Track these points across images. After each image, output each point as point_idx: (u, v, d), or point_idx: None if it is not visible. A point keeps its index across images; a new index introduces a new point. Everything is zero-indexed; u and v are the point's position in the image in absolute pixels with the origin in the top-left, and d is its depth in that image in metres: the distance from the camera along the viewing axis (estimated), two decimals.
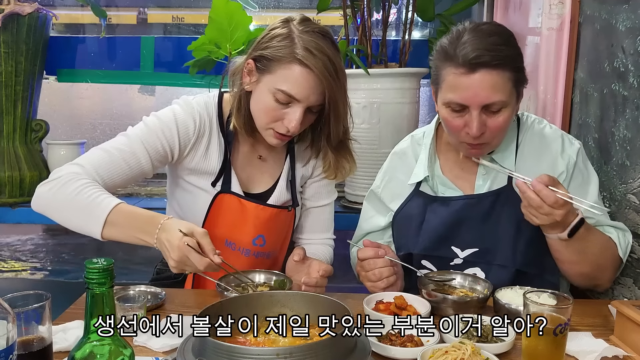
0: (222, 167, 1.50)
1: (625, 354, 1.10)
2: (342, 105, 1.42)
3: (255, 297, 1.06)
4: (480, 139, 1.36)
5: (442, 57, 1.36)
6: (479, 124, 1.33)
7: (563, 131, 1.52)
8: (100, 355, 0.80)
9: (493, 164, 1.43)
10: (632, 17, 1.48)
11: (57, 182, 1.32)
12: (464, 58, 1.29)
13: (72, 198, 1.29)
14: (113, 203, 1.29)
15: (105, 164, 1.37)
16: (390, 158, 1.66)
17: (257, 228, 1.52)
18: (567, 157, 1.45)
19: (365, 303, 1.27)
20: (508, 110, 1.35)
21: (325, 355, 0.84)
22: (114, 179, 1.38)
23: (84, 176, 1.33)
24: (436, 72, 1.40)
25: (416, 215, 1.50)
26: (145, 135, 1.41)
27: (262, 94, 1.39)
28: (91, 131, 2.89)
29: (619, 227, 1.43)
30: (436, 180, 1.51)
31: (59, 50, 2.69)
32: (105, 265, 0.79)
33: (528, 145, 1.47)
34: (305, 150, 1.60)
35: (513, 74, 1.33)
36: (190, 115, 1.46)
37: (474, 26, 1.35)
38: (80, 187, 1.30)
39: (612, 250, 1.39)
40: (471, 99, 1.32)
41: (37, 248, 3.11)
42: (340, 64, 1.39)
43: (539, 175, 1.26)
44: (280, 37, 1.37)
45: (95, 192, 1.30)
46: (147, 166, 1.42)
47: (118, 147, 1.39)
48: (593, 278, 1.42)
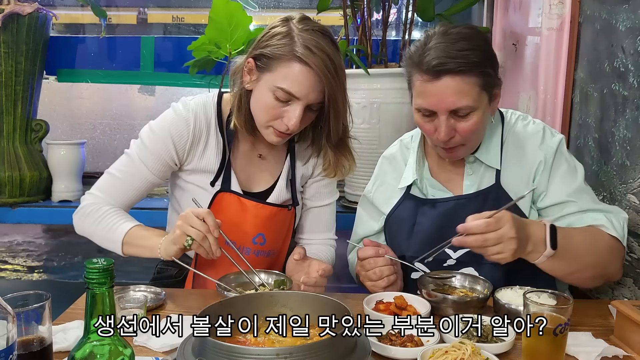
0: (221, 166, 1.50)
1: (625, 354, 1.10)
2: (342, 103, 1.43)
3: (255, 297, 1.06)
4: (450, 143, 1.38)
5: (410, 63, 1.38)
6: (446, 129, 1.34)
7: (546, 125, 1.51)
8: (100, 355, 0.80)
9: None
10: (632, 17, 1.48)
11: (82, 214, 1.51)
12: (427, 65, 1.31)
13: (95, 227, 1.48)
14: (126, 228, 1.45)
15: (115, 189, 1.52)
16: (380, 162, 1.66)
17: (257, 226, 1.52)
18: (546, 148, 1.44)
19: (365, 303, 1.27)
20: (478, 114, 1.35)
21: (325, 355, 0.83)
22: (125, 200, 1.53)
23: (101, 204, 1.50)
24: (408, 78, 1.41)
25: (407, 218, 1.51)
26: (144, 155, 1.50)
27: (262, 92, 1.40)
28: (91, 131, 2.89)
29: (608, 210, 1.39)
30: (425, 183, 1.52)
31: (59, 50, 2.68)
32: (105, 265, 0.79)
33: (512, 144, 1.47)
34: (306, 150, 1.60)
35: (480, 78, 1.32)
36: (184, 118, 1.48)
37: (443, 30, 1.35)
38: (99, 217, 1.48)
39: (605, 241, 1.34)
40: (437, 105, 1.33)
41: (37, 248, 3.11)
42: (339, 62, 1.39)
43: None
44: (280, 35, 1.37)
45: (111, 219, 1.47)
46: (155, 180, 1.53)
47: (123, 170, 1.52)
48: (601, 276, 1.39)
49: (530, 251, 1.25)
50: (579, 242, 1.31)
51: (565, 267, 1.30)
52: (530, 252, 1.25)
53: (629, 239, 1.51)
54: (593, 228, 1.36)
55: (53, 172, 2.47)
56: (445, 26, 1.37)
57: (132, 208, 1.56)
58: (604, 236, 1.35)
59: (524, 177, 1.44)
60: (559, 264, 1.28)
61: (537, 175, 1.43)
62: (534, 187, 1.41)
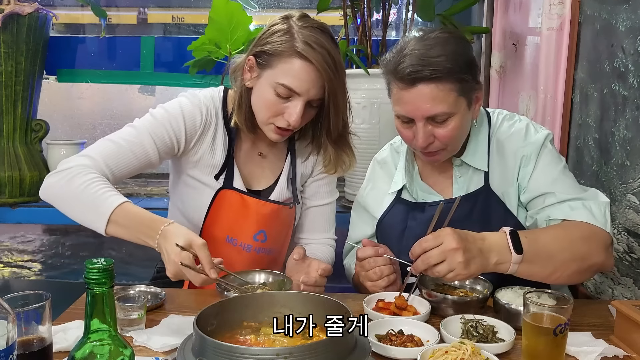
0: (226, 163, 1.51)
1: (625, 354, 1.10)
2: (342, 98, 1.43)
3: (255, 297, 1.06)
4: (429, 148, 1.37)
5: (386, 71, 1.38)
6: (424, 135, 1.34)
7: (532, 122, 1.48)
8: (100, 355, 0.80)
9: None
10: (632, 17, 1.48)
11: (66, 174, 1.33)
12: (402, 73, 1.31)
13: (79, 192, 1.30)
14: (118, 201, 1.29)
15: (113, 155, 1.39)
16: (372, 166, 1.66)
17: (258, 223, 1.52)
18: (529, 143, 1.42)
19: (365, 303, 1.27)
20: (456, 119, 1.34)
21: (325, 355, 0.83)
22: (121, 170, 1.40)
23: (92, 169, 1.34)
24: (387, 84, 1.41)
25: (398, 223, 1.50)
26: (152, 126, 1.43)
27: (263, 89, 1.40)
28: (91, 131, 2.89)
29: (585, 198, 1.34)
30: (415, 187, 1.51)
31: (59, 50, 2.69)
32: (105, 265, 0.79)
33: (498, 144, 1.46)
34: (306, 147, 1.61)
35: (455, 84, 1.31)
36: (197, 107, 1.47)
37: (420, 36, 1.34)
38: (87, 181, 1.31)
39: (578, 231, 1.29)
40: (413, 112, 1.33)
41: (37, 248, 3.11)
42: (339, 59, 1.40)
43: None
44: (280, 32, 1.38)
45: (102, 188, 1.30)
46: (154, 156, 1.43)
47: (125, 138, 1.41)
48: (587, 269, 1.32)
49: (498, 262, 1.20)
50: (549, 240, 1.27)
51: (542, 269, 1.25)
52: (498, 264, 1.20)
53: (629, 239, 1.51)
54: (564, 222, 1.32)
55: None
56: (423, 31, 1.37)
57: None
58: (578, 227, 1.30)
59: (508, 176, 1.43)
60: (534, 268, 1.23)
61: (520, 170, 1.42)
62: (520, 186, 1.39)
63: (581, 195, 1.36)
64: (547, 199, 1.37)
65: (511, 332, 1.11)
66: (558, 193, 1.36)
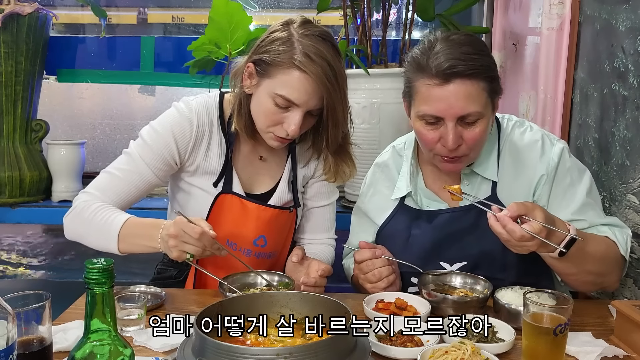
0: (224, 168, 1.50)
1: (625, 354, 1.10)
2: (341, 110, 1.41)
3: (255, 298, 1.06)
4: (456, 152, 1.34)
5: (415, 68, 1.34)
6: (454, 136, 1.30)
7: (545, 132, 1.46)
8: (100, 355, 0.80)
9: (467, 195, 1.35)
10: (632, 17, 1.48)
11: (75, 213, 1.44)
12: (438, 68, 1.27)
13: (88, 223, 1.40)
14: (122, 219, 1.38)
15: (112, 188, 1.46)
16: (373, 170, 1.62)
17: (258, 228, 1.52)
18: (547, 160, 1.39)
19: (365, 303, 1.27)
20: (484, 122, 1.32)
21: (325, 355, 0.83)
22: (123, 199, 1.46)
23: (95, 201, 1.43)
24: (409, 85, 1.37)
25: (401, 231, 1.47)
26: (145, 153, 1.46)
27: (262, 98, 1.39)
28: (91, 131, 2.89)
29: (614, 224, 1.37)
30: (420, 194, 1.48)
31: (59, 50, 2.68)
32: (105, 265, 0.79)
33: (509, 154, 1.43)
34: (307, 151, 1.60)
35: (487, 84, 1.30)
36: (187, 118, 1.47)
37: (445, 36, 1.33)
38: (93, 212, 1.40)
39: (614, 254, 1.32)
40: (446, 110, 1.29)
41: (37, 248, 3.11)
42: (340, 69, 1.38)
43: (510, 204, 1.18)
44: (279, 41, 1.36)
45: (106, 213, 1.39)
46: (154, 180, 1.48)
47: (121, 168, 1.47)
48: (597, 284, 1.37)
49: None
50: (593, 251, 1.28)
51: (568, 268, 1.27)
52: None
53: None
54: (608, 240, 1.33)
55: (53, 172, 2.47)
56: (446, 32, 1.35)
57: (132, 208, 1.54)
58: (615, 250, 1.32)
59: (523, 191, 1.40)
60: (563, 264, 1.26)
61: (538, 189, 1.39)
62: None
63: (608, 221, 1.37)
64: (575, 224, 1.31)
65: (511, 332, 1.11)
66: (589, 219, 1.36)
